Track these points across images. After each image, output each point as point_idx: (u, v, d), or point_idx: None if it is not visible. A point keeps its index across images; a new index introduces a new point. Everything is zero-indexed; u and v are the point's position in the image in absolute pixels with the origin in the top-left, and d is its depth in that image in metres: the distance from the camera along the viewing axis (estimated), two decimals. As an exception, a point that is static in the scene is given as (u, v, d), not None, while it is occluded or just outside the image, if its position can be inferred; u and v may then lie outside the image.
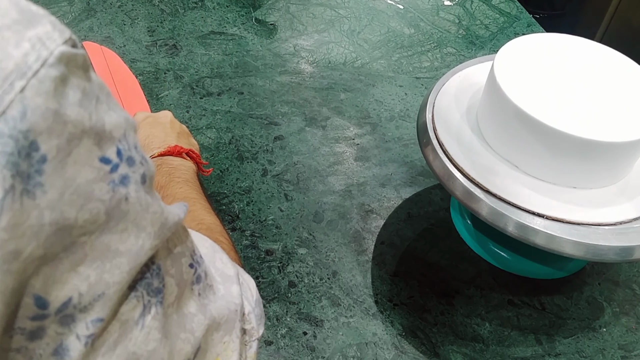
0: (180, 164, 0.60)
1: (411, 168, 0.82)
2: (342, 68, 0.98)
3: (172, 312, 0.32)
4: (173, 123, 0.67)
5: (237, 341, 0.38)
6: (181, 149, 0.62)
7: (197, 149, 0.66)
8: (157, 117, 0.67)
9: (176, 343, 0.32)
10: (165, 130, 0.65)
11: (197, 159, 0.63)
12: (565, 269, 0.71)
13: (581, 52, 0.65)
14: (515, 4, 1.17)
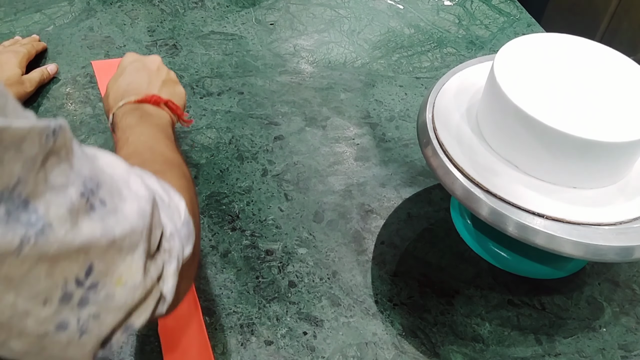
0: (156, 113, 0.61)
1: (411, 168, 0.82)
2: (342, 68, 0.98)
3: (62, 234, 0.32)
4: (160, 70, 0.66)
5: (140, 262, 0.38)
6: (159, 99, 0.62)
7: (182, 97, 0.67)
8: (145, 62, 0.67)
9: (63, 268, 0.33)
10: (150, 77, 0.65)
11: (176, 110, 0.64)
12: (565, 269, 0.71)
13: (581, 52, 0.65)
14: (515, 4, 1.17)
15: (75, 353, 0.36)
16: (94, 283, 0.35)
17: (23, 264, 0.30)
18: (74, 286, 0.34)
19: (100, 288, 0.36)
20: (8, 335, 0.32)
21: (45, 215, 0.31)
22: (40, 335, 0.33)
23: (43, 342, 0.34)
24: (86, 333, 0.36)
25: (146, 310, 0.40)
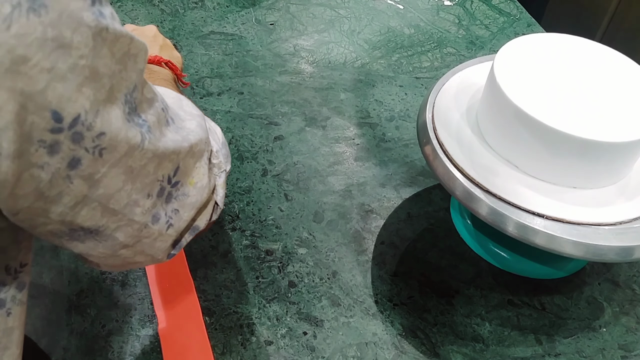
0: (158, 71, 0.64)
1: (411, 168, 0.82)
2: (342, 68, 0.98)
3: (157, 139, 0.38)
4: (156, 36, 0.69)
5: (205, 167, 0.45)
6: (161, 59, 0.65)
7: (179, 61, 0.69)
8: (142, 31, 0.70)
9: (160, 162, 0.39)
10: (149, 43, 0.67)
11: (175, 70, 0.67)
12: (565, 269, 0.71)
13: (581, 52, 0.65)
14: (515, 4, 1.17)
15: (160, 246, 0.43)
16: (177, 182, 0.42)
17: (143, 157, 0.37)
18: (166, 183, 0.41)
19: (180, 186, 0.42)
20: (119, 223, 0.38)
21: (147, 120, 0.37)
22: (141, 224, 0.40)
23: (141, 233, 0.40)
24: (172, 226, 0.42)
25: (207, 213, 0.47)
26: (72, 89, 0.31)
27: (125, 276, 0.66)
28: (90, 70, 0.31)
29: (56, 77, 0.30)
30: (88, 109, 0.32)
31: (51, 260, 0.67)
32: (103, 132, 0.33)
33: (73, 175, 0.33)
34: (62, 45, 0.29)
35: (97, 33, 0.31)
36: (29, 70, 0.28)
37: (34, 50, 0.28)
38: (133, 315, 0.63)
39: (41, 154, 0.31)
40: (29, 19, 0.28)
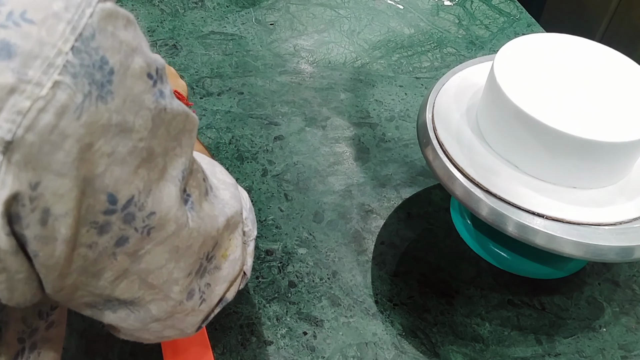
0: None
1: (411, 168, 0.82)
2: (342, 68, 0.98)
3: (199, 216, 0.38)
4: None
5: (239, 238, 0.44)
6: None
7: (184, 89, 0.69)
8: None
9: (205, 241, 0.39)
10: None
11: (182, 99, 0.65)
12: (565, 269, 0.71)
13: (581, 52, 0.65)
14: (515, 4, 1.17)
15: (191, 321, 0.42)
16: (212, 256, 0.41)
17: (189, 237, 0.37)
18: (205, 260, 0.40)
19: (213, 259, 0.41)
20: (155, 296, 0.37)
21: (191, 194, 0.38)
22: (177, 301, 0.39)
23: (176, 309, 0.39)
24: (205, 301, 0.41)
25: (236, 285, 0.45)
26: (129, 172, 0.31)
27: (125, 276, 0.66)
28: (147, 152, 0.32)
29: (115, 161, 0.30)
30: (142, 189, 0.32)
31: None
32: (154, 211, 0.33)
33: (118, 252, 0.33)
34: (124, 130, 0.30)
35: (156, 115, 0.32)
36: (91, 156, 0.28)
37: (98, 136, 0.28)
38: (133, 315, 0.63)
39: (91, 234, 0.31)
40: (97, 107, 0.28)
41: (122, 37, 0.29)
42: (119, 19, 0.29)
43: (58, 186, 0.28)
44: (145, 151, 0.31)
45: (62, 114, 0.27)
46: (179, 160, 0.35)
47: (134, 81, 0.30)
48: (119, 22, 0.29)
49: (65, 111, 0.27)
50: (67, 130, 0.27)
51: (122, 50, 0.29)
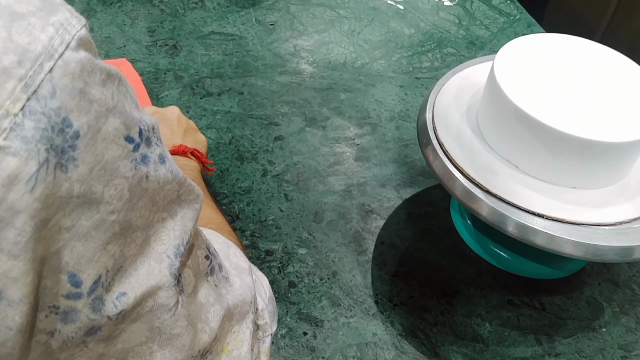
0: (185, 164, 0.61)
1: (411, 168, 0.82)
2: (342, 68, 0.98)
3: (190, 301, 0.33)
4: (180, 119, 0.66)
5: (247, 332, 0.39)
6: (186, 149, 0.62)
7: (204, 145, 0.67)
8: (164, 113, 0.67)
9: (196, 332, 0.34)
10: (172, 128, 0.65)
11: (201, 158, 0.64)
12: (565, 269, 0.71)
13: (581, 52, 0.65)
14: (515, 4, 1.17)
15: None
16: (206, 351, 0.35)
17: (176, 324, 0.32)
18: (199, 357, 0.35)
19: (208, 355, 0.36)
20: None
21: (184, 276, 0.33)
22: None
23: None
24: None
25: None
26: (94, 248, 0.26)
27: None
28: (121, 225, 0.27)
29: (76, 236, 0.26)
30: (110, 268, 0.27)
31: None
32: (125, 292, 0.28)
33: (90, 340, 0.29)
34: (89, 201, 0.26)
35: (135, 183, 0.28)
36: (48, 233, 0.24)
37: (55, 210, 0.24)
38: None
39: (52, 321, 0.26)
40: (56, 176, 0.24)
41: (94, 95, 0.25)
42: (94, 73, 0.25)
43: (10, 268, 0.23)
44: (118, 225, 0.27)
45: (10, 186, 0.22)
46: (170, 234, 0.31)
47: (105, 146, 0.26)
48: (94, 77, 0.25)
49: (13, 182, 0.23)
50: (18, 205, 0.23)
51: (93, 110, 0.25)
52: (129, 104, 0.28)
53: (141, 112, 0.29)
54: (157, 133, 0.30)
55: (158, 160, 0.29)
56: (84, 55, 0.25)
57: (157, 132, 0.30)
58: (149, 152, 0.29)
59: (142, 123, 0.28)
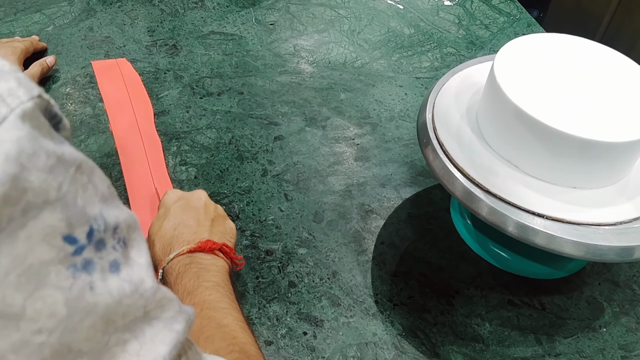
0: (212, 263, 0.55)
1: (411, 168, 0.82)
2: (342, 68, 0.98)
3: None
4: (207, 207, 0.60)
5: None
6: (213, 245, 0.55)
7: (233, 234, 0.61)
8: (189, 200, 0.61)
9: None
10: (198, 217, 0.58)
11: (230, 254, 0.58)
12: (565, 269, 0.71)
13: (581, 52, 0.65)
14: (515, 4, 1.17)
15: None
16: None
17: None
18: None
19: None
20: None
21: None
22: None
23: None
24: None
25: None
26: None
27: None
28: (53, 350, 0.22)
29: None
30: None
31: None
32: None
33: None
34: (2, 316, 0.20)
35: (75, 298, 0.22)
36: None
37: None
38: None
39: None
40: None
41: (32, 182, 0.20)
42: (36, 156, 0.21)
43: None
44: (49, 349, 0.21)
45: None
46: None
47: (30, 246, 0.21)
48: (36, 161, 0.21)
49: None
50: None
51: (23, 201, 0.20)
52: (85, 197, 0.23)
53: (106, 208, 0.24)
54: (122, 234, 0.25)
55: (108, 268, 0.24)
56: (25, 133, 0.21)
57: (122, 233, 0.25)
58: (97, 257, 0.23)
59: (98, 221, 0.23)
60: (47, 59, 0.88)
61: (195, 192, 0.62)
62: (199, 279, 0.51)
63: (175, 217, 0.58)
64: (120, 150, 0.80)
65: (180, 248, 0.54)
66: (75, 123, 0.83)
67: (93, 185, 0.24)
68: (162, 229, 0.57)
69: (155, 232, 0.57)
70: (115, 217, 0.25)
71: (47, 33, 0.98)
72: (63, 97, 0.87)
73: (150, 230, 0.58)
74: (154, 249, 0.56)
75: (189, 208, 0.60)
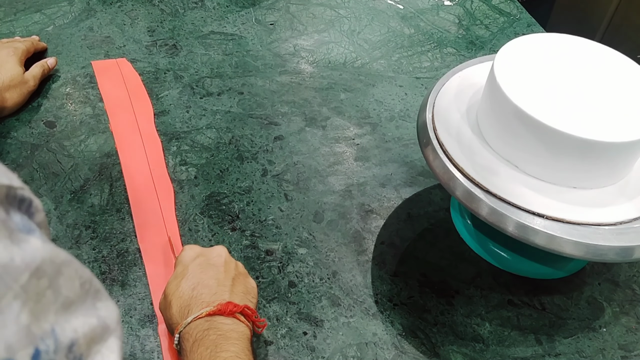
0: (232, 328, 0.51)
1: (411, 168, 0.82)
2: (342, 68, 0.98)
3: None
4: (228, 264, 0.57)
5: None
6: (234, 308, 0.52)
7: (255, 294, 0.57)
8: (209, 257, 0.57)
9: None
10: (218, 277, 0.55)
11: (252, 317, 0.54)
12: (565, 269, 0.71)
13: (581, 52, 0.65)
14: (515, 4, 1.17)
15: None
16: None
17: None
18: None
19: None
20: None
21: None
22: None
23: None
24: None
25: None
26: None
27: (125, 276, 0.66)
28: None
29: None
30: None
31: (51, 260, 0.67)
32: None
33: None
34: None
35: None
36: None
37: None
38: (133, 315, 0.63)
39: None
40: None
41: None
42: None
43: None
44: None
45: None
46: None
47: None
48: None
49: None
50: None
51: None
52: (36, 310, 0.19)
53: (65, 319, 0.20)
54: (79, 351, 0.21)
55: None
56: None
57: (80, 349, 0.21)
58: None
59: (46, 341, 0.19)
60: (48, 61, 0.88)
61: (215, 249, 0.59)
62: (216, 348, 0.48)
63: (193, 276, 0.55)
64: (120, 150, 0.80)
65: (199, 311, 0.51)
66: (75, 123, 0.83)
67: (54, 290, 0.20)
68: (180, 289, 0.54)
69: (173, 293, 0.54)
70: (73, 331, 0.21)
71: (47, 33, 0.98)
72: (63, 97, 0.87)
73: (167, 290, 0.56)
74: (171, 311, 0.53)
75: (209, 266, 0.56)
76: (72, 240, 0.69)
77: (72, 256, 0.23)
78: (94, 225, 0.71)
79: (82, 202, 0.73)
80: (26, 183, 0.78)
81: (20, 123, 0.82)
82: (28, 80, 0.83)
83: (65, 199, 0.73)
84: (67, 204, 0.73)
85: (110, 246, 0.69)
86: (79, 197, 0.74)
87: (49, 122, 0.83)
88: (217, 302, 0.52)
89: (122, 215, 0.72)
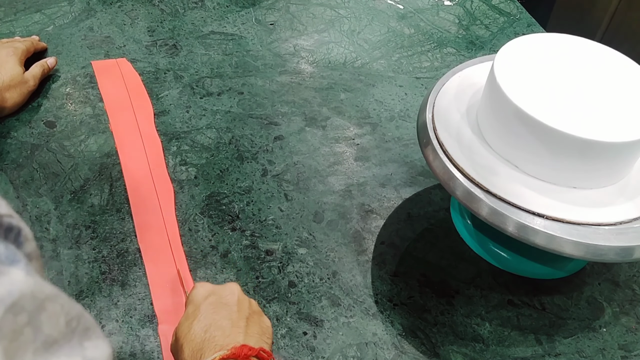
0: None
1: (411, 168, 0.82)
2: (342, 68, 0.98)
3: None
4: (241, 303, 0.55)
5: None
6: (249, 352, 0.50)
7: (270, 334, 0.55)
8: (221, 296, 0.55)
9: None
10: (232, 317, 0.53)
11: (267, 358, 0.52)
12: (565, 269, 0.71)
13: (581, 52, 0.65)
14: (515, 4, 1.17)
15: None
16: None
17: None
18: None
19: None
20: None
21: None
22: None
23: None
24: None
25: None
26: None
27: (125, 276, 0.66)
28: None
29: None
30: None
31: (51, 261, 0.67)
32: None
33: None
34: None
35: None
36: None
37: None
38: (133, 316, 0.63)
39: None
40: None
41: None
42: None
43: None
44: None
45: None
46: None
47: None
48: None
49: None
50: None
51: None
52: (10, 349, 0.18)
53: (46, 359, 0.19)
54: None
55: None
56: None
57: None
58: None
59: None
60: (48, 60, 0.88)
61: (227, 286, 0.57)
62: None
63: (206, 318, 0.53)
64: (120, 150, 0.80)
65: (212, 355, 0.49)
66: (75, 123, 0.83)
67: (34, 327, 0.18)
68: (192, 331, 0.52)
69: (184, 335, 0.52)
70: None
71: (47, 33, 0.98)
72: (63, 97, 0.87)
73: (179, 332, 0.53)
74: (183, 355, 0.51)
75: (221, 305, 0.54)
76: (72, 240, 0.69)
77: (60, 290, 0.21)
78: (94, 225, 0.71)
79: (82, 202, 0.73)
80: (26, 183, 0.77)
81: (20, 123, 0.82)
82: (28, 80, 0.83)
83: (65, 199, 0.73)
84: (67, 204, 0.73)
85: (110, 246, 0.69)
86: (79, 197, 0.74)
87: (49, 122, 0.83)
88: (231, 345, 0.50)
89: (122, 215, 0.72)
